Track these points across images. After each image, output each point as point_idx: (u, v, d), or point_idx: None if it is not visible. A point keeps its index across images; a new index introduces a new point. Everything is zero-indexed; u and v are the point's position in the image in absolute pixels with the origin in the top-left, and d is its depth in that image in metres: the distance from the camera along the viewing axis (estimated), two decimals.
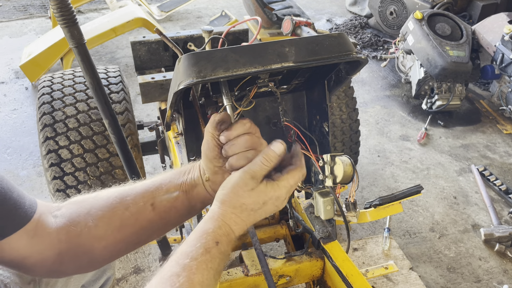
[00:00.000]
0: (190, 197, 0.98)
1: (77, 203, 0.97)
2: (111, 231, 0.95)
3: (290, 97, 1.41)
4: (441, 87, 3.66)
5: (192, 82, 0.90)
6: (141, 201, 0.96)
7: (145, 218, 0.96)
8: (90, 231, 0.93)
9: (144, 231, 0.98)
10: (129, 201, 0.95)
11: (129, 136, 2.11)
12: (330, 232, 1.43)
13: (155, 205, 0.96)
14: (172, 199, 0.97)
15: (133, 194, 0.96)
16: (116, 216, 0.95)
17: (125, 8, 4.40)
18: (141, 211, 0.95)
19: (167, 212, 0.97)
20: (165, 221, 0.99)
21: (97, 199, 0.97)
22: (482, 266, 2.43)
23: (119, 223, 0.95)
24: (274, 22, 4.22)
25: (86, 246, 0.94)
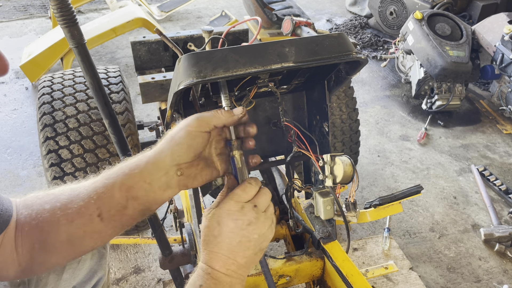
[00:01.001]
0: (143, 201, 0.89)
1: (28, 207, 0.91)
2: (60, 245, 0.90)
3: (290, 97, 1.41)
4: (441, 87, 3.66)
5: (192, 82, 0.90)
6: (86, 212, 0.88)
7: (94, 230, 0.89)
8: (41, 246, 0.90)
9: (95, 240, 0.92)
10: (73, 213, 0.88)
11: (129, 136, 2.11)
12: (330, 232, 1.43)
13: (102, 215, 0.88)
14: (121, 207, 0.88)
15: (76, 203, 0.88)
16: (62, 230, 0.88)
17: (125, 8, 4.40)
18: (87, 223, 0.88)
19: (117, 220, 0.89)
20: (117, 228, 0.92)
21: (43, 207, 0.90)
22: (482, 266, 2.43)
23: (67, 237, 0.89)
24: (274, 22, 4.22)
25: (41, 259, 0.91)
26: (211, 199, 2.09)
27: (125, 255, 2.39)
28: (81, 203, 0.88)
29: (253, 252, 0.88)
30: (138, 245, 2.44)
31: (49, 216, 0.89)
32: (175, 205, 1.67)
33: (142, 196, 0.88)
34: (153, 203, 0.90)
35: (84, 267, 1.23)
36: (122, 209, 0.88)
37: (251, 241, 0.86)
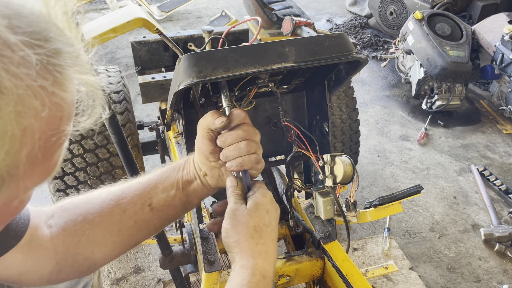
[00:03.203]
0: (186, 193, 0.97)
1: (69, 209, 0.94)
2: (110, 236, 0.94)
3: (290, 97, 1.41)
4: (441, 87, 3.66)
5: (192, 82, 0.90)
6: (139, 202, 0.94)
7: (143, 219, 0.95)
8: (89, 239, 0.92)
9: (143, 231, 0.97)
10: (126, 203, 0.93)
11: (130, 136, 2.11)
12: (330, 232, 1.43)
13: (152, 205, 0.94)
14: (169, 197, 0.95)
15: (129, 195, 0.94)
16: (114, 220, 0.93)
17: (125, 8, 4.40)
18: (139, 212, 0.94)
19: (164, 210, 0.96)
20: (163, 219, 0.98)
21: (91, 203, 0.94)
22: (482, 266, 2.43)
23: (118, 227, 0.93)
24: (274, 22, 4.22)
25: (86, 253, 0.93)
26: (211, 199, 2.09)
27: (125, 255, 2.39)
28: (135, 192, 0.94)
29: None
30: (138, 245, 2.44)
31: (99, 209, 0.92)
32: None
33: (185, 186, 0.97)
34: (194, 196, 0.98)
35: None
36: (171, 200, 0.95)
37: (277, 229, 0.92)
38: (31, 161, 0.51)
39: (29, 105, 0.46)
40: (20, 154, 0.48)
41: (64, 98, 0.51)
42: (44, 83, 0.48)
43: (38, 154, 0.51)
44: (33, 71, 0.47)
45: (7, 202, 0.54)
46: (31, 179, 0.54)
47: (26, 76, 0.46)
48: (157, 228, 0.99)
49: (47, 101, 0.48)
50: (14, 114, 0.45)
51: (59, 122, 0.52)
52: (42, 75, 0.48)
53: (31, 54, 0.46)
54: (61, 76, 0.50)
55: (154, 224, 0.97)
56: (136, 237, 0.98)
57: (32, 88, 0.46)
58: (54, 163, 0.57)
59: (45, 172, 0.56)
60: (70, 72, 0.52)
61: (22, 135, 0.47)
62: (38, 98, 0.47)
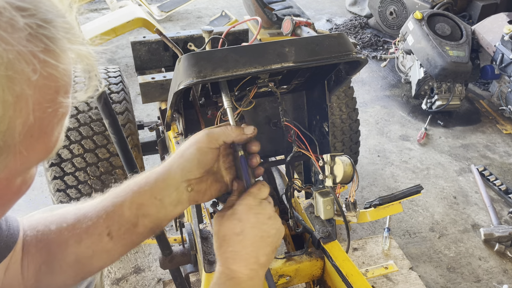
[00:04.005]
0: (153, 219, 0.88)
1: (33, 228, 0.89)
2: (68, 266, 0.89)
3: (290, 97, 1.41)
4: (441, 87, 3.66)
5: (192, 82, 0.90)
6: (95, 232, 0.86)
7: (103, 249, 0.88)
8: (48, 266, 0.88)
9: (104, 259, 0.91)
10: (82, 232, 0.86)
11: (130, 136, 2.11)
12: (330, 232, 1.43)
13: (112, 234, 0.86)
14: (131, 225, 0.86)
15: (85, 223, 0.86)
16: (70, 251, 0.87)
17: (125, 8, 4.40)
18: (97, 242, 0.86)
19: (127, 239, 0.88)
20: (127, 247, 0.90)
21: (49, 228, 0.88)
22: (482, 266, 2.43)
23: (75, 258, 0.88)
24: (274, 22, 4.22)
25: (46, 281, 0.90)
26: None
27: (125, 255, 2.39)
28: (89, 223, 0.86)
29: (271, 249, 0.88)
30: (138, 246, 2.44)
31: (56, 237, 0.87)
32: None
33: (153, 213, 0.87)
34: (164, 219, 0.89)
35: None
36: (132, 227, 0.87)
37: (270, 236, 0.87)
38: (29, 133, 0.50)
39: (20, 71, 0.46)
40: (15, 122, 0.47)
41: (57, 68, 0.51)
42: (34, 49, 0.47)
43: (35, 126, 0.50)
44: (22, 36, 0.46)
45: (9, 177, 0.54)
46: (31, 154, 0.53)
47: (15, 41, 0.45)
48: (122, 254, 0.92)
49: (39, 68, 0.48)
50: (5, 80, 0.45)
51: (55, 94, 0.52)
52: (32, 41, 0.47)
53: (19, 18, 0.46)
54: (53, 45, 0.49)
55: (117, 251, 0.90)
56: (98, 266, 0.92)
57: (22, 54, 0.46)
58: (55, 140, 0.56)
59: (46, 149, 0.55)
60: (63, 42, 0.51)
61: (15, 102, 0.46)
62: (29, 64, 0.47)
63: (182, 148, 0.89)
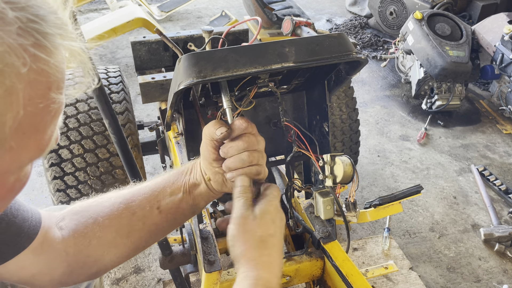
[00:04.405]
0: (193, 196, 0.98)
1: (80, 212, 0.96)
2: (120, 238, 0.95)
3: (290, 97, 1.41)
4: (441, 87, 3.66)
5: (192, 82, 0.90)
6: (147, 205, 0.95)
7: (152, 222, 0.96)
8: (99, 241, 0.93)
9: (152, 234, 0.99)
10: (135, 206, 0.95)
11: (129, 136, 2.11)
12: (330, 232, 1.43)
13: (161, 208, 0.96)
14: (177, 200, 0.97)
15: (138, 198, 0.96)
16: (124, 223, 0.94)
17: (125, 8, 4.40)
18: (148, 215, 0.95)
19: (172, 213, 0.98)
20: (171, 222, 1.00)
21: (101, 206, 0.95)
22: (482, 266, 2.43)
23: (127, 229, 0.95)
24: (274, 22, 4.22)
25: (96, 256, 0.95)
26: None
27: None
28: (144, 195, 0.96)
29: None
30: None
31: (109, 211, 0.94)
32: None
33: (192, 190, 0.98)
34: (201, 200, 0.99)
35: None
36: (178, 203, 0.97)
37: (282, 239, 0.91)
38: (20, 129, 0.50)
39: (10, 65, 0.46)
40: (5, 116, 0.47)
41: (48, 63, 0.50)
42: (25, 42, 0.47)
43: (26, 122, 0.50)
44: (12, 30, 0.46)
45: (1, 175, 0.54)
46: (23, 151, 0.53)
47: (5, 34, 0.45)
48: (165, 230, 1.01)
49: (29, 61, 0.48)
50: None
51: (47, 90, 0.52)
52: (22, 35, 0.47)
53: (9, 10, 0.46)
54: (44, 40, 0.49)
55: (163, 226, 0.99)
56: (146, 240, 1.00)
57: (12, 47, 0.46)
58: (48, 138, 0.56)
59: (38, 147, 0.55)
60: (54, 38, 0.51)
61: (5, 95, 0.46)
62: (19, 58, 0.47)
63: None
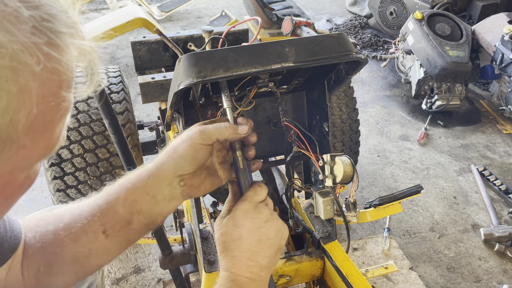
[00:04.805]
0: (148, 215, 0.88)
1: (31, 230, 0.89)
2: (66, 266, 0.89)
3: (290, 97, 1.41)
4: (441, 87, 3.66)
5: (192, 82, 0.90)
6: (90, 230, 0.86)
7: (100, 247, 0.88)
8: (46, 268, 0.89)
9: (102, 258, 0.92)
10: (77, 231, 0.87)
11: (129, 136, 2.11)
12: (330, 232, 1.43)
13: (107, 232, 0.87)
14: (125, 222, 0.87)
15: (80, 222, 0.87)
16: (67, 251, 0.87)
17: (125, 8, 4.40)
18: (93, 241, 0.87)
19: (122, 236, 0.89)
20: (123, 244, 0.91)
21: (46, 229, 0.89)
22: (482, 266, 2.43)
23: (72, 257, 0.88)
24: (274, 22, 4.22)
25: (47, 282, 0.90)
26: (211, 199, 2.09)
27: (125, 255, 2.39)
28: (84, 221, 0.87)
29: (273, 250, 0.88)
30: (138, 245, 2.44)
31: (52, 238, 0.88)
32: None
33: (146, 210, 0.87)
34: (158, 215, 0.90)
35: None
36: (127, 224, 0.87)
37: (270, 238, 0.87)
38: (32, 127, 0.50)
39: (24, 63, 0.46)
40: (19, 114, 0.48)
41: (60, 62, 0.51)
42: (38, 41, 0.47)
43: (38, 120, 0.51)
44: (26, 28, 0.46)
45: (11, 171, 0.54)
46: (33, 149, 0.53)
47: (19, 32, 0.46)
48: (119, 251, 0.93)
49: (43, 60, 0.48)
50: (9, 70, 0.45)
51: (58, 88, 0.52)
52: (36, 34, 0.48)
53: (24, 9, 0.46)
54: (56, 39, 0.50)
55: (114, 249, 0.91)
56: (95, 264, 0.93)
57: (26, 45, 0.46)
58: (56, 137, 0.56)
59: (47, 145, 0.56)
60: (66, 37, 0.51)
61: (19, 93, 0.47)
62: (33, 56, 0.47)
63: (175, 143, 0.88)
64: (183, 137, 0.88)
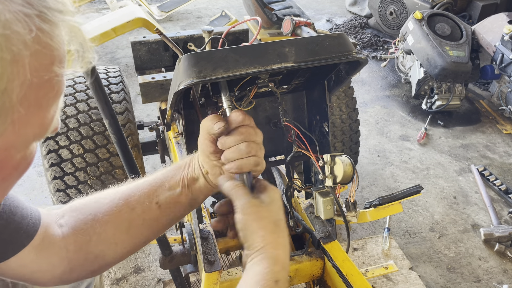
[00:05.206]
0: (192, 190, 0.99)
1: (79, 209, 0.96)
2: (120, 234, 0.96)
3: (290, 97, 1.41)
4: (441, 87, 3.66)
5: (192, 82, 0.90)
6: (146, 200, 0.96)
7: (152, 217, 0.97)
8: (99, 237, 0.93)
9: (151, 229, 1.00)
10: (134, 201, 0.96)
11: (129, 136, 2.11)
12: (330, 232, 1.43)
13: (160, 203, 0.97)
14: (176, 195, 0.98)
15: (137, 194, 0.96)
16: (123, 219, 0.95)
17: (125, 8, 4.40)
18: (147, 210, 0.96)
19: (171, 208, 0.98)
20: (170, 217, 1.00)
21: (100, 203, 0.96)
22: (482, 266, 2.43)
23: (127, 225, 0.96)
24: (274, 22, 4.22)
25: (96, 252, 0.95)
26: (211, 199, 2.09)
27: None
28: (143, 190, 0.97)
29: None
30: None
31: (108, 208, 0.95)
32: None
33: (190, 184, 0.99)
34: (200, 193, 1.00)
35: None
36: (177, 197, 0.98)
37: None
38: (26, 100, 0.51)
39: (16, 32, 0.47)
40: (13, 82, 0.48)
41: (52, 37, 0.52)
42: (30, 12, 0.49)
43: (31, 94, 0.51)
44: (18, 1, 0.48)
45: (7, 148, 0.54)
46: (28, 126, 0.54)
47: (11, 3, 0.47)
48: (165, 225, 1.02)
49: (35, 30, 0.49)
50: (2, 38, 0.46)
51: (50, 64, 0.53)
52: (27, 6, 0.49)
53: None
54: (47, 13, 0.51)
55: (162, 221, 1.00)
56: (146, 235, 1.01)
57: (19, 16, 0.47)
58: (51, 117, 0.58)
59: (42, 124, 0.56)
60: (57, 13, 0.52)
61: (12, 61, 0.48)
62: (25, 26, 0.48)
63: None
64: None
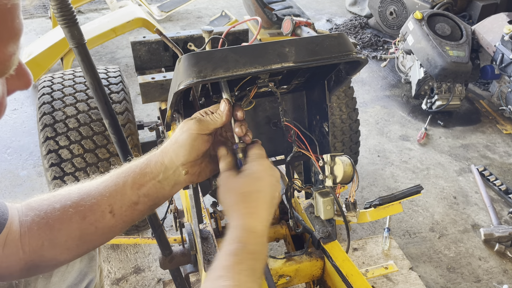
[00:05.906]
0: (153, 198, 0.95)
1: (34, 209, 0.93)
2: (72, 241, 0.93)
3: (290, 97, 1.41)
4: (441, 87, 3.66)
5: (192, 82, 0.90)
6: (98, 209, 0.92)
7: (105, 225, 0.93)
8: (52, 243, 0.92)
9: (106, 235, 0.97)
10: (86, 210, 0.92)
11: (129, 136, 2.11)
12: (330, 232, 1.43)
13: (114, 212, 0.92)
14: (132, 203, 0.93)
15: (88, 202, 0.92)
16: (74, 228, 0.92)
17: (125, 8, 4.40)
18: (100, 219, 0.92)
19: (128, 216, 0.94)
20: (127, 223, 0.97)
21: (52, 207, 0.92)
22: (482, 266, 2.43)
23: (79, 234, 0.92)
24: (274, 22, 4.22)
25: (50, 256, 0.94)
26: (211, 199, 2.09)
27: (125, 255, 2.39)
28: (93, 201, 0.92)
29: (273, 210, 0.94)
30: (138, 245, 2.44)
31: (60, 214, 0.92)
32: (175, 205, 1.67)
33: (152, 193, 0.94)
34: (162, 198, 0.97)
35: (74, 269, 1.22)
36: (134, 205, 0.93)
37: (275, 198, 0.93)
38: None
39: None
40: None
41: None
42: None
43: None
44: None
45: None
46: None
47: None
48: (122, 229, 0.98)
49: None
50: None
51: None
52: None
53: None
54: None
55: (118, 227, 0.96)
56: (100, 241, 0.99)
57: None
58: (9, 55, 0.56)
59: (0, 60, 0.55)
60: None
61: None
62: None
63: (176, 134, 0.95)
64: (183, 127, 0.93)
